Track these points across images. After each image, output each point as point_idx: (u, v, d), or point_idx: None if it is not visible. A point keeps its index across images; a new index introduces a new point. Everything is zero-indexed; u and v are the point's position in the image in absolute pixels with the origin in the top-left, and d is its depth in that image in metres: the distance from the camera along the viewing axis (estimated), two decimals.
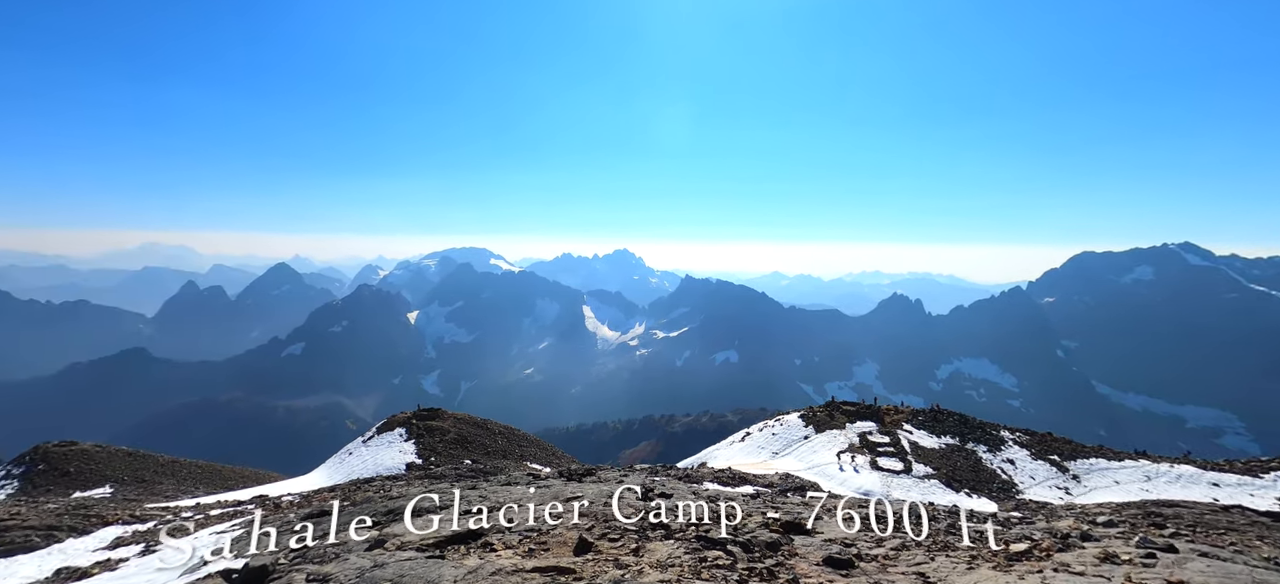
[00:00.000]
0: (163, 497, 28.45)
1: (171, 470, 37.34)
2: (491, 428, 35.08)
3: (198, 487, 33.74)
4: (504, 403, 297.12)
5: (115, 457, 36.49)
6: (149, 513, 20.09)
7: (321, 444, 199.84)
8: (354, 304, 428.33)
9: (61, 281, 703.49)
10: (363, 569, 5.49)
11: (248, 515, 17.04)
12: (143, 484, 33.41)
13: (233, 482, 36.03)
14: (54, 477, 32.96)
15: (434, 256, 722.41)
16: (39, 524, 17.10)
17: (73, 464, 34.19)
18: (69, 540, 15.91)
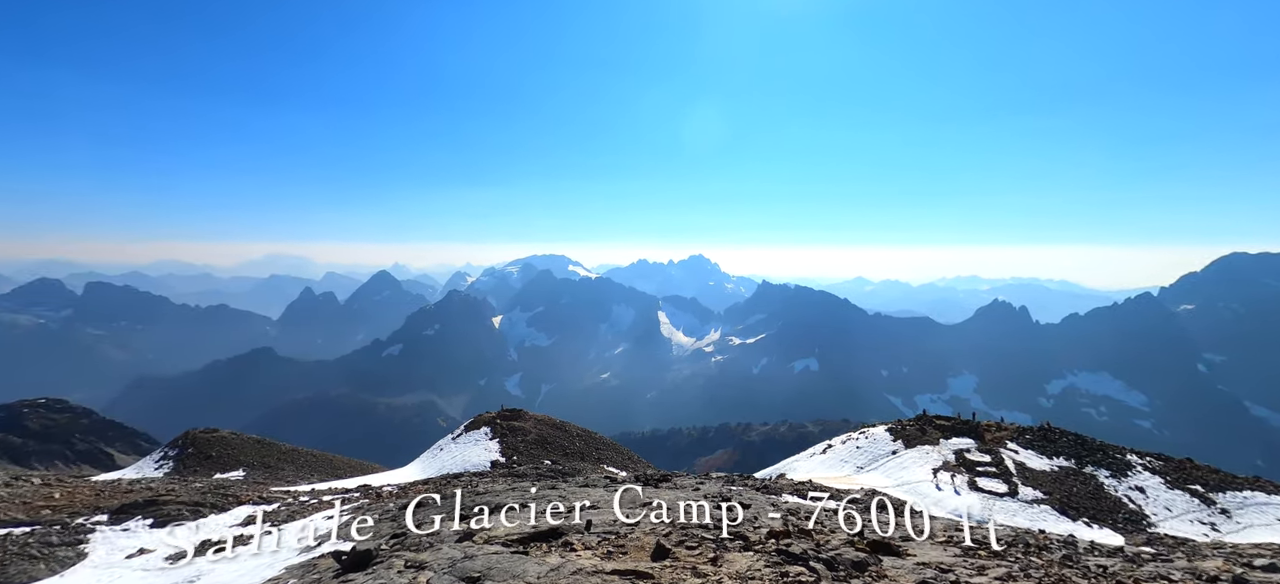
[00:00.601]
0: (284, 481, 31.80)
1: (292, 458, 41.64)
2: (570, 430, 36.06)
3: (313, 474, 37.36)
4: (581, 406, 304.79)
5: (247, 444, 41.20)
6: (274, 495, 22.49)
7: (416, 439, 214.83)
8: (445, 309, 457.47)
9: (206, 288, 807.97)
10: (454, 559, 5.83)
11: (354, 502, 18.64)
12: (268, 469, 37.52)
13: (342, 471, 39.51)
14: (199, 459, 37.81)
15: (516, 263, 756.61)
16: (188, 500, 19.65)
17: (214, 449, 39.02)
18: (211, 516, 18.13)
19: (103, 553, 15.15)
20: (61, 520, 17.51)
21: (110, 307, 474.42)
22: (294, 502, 20.27)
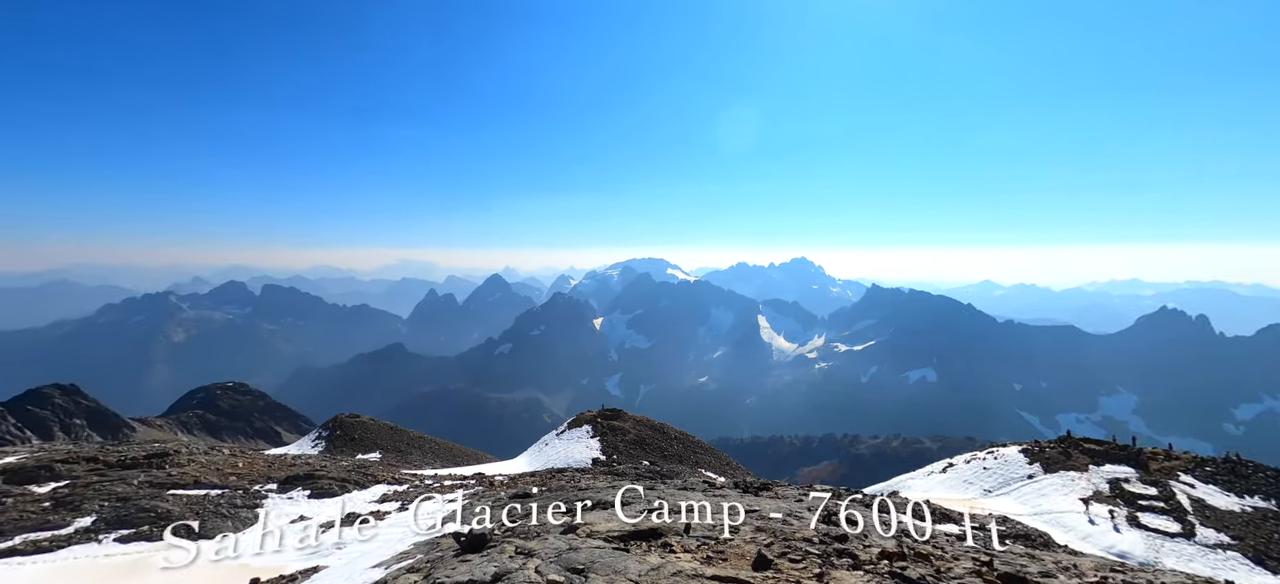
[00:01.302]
0: (412, 465, 35.19)
1: (419, 444, 46.02)
2: (668, 432, 36.25)
3: (436, 460, 41.00)
4: (679, 409, 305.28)
5: (382, 429, 46.15)
6: (404, 477, 25.00)
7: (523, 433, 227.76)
8: (550, 310, 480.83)
9: (351, 290, 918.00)
10: (559, 550, 6.10)
11: (471, 488, 20.18)
12: (399, 453, 41.77)
13: (461, 459, 42.93)
14: (345, 441, 43.02)
15: (617, 267, 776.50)
16: (337, 476, 22.42)
17: (356, 432, 44.19)
18: (355, 492, 20.54)
19: (273, 517, 17.73)
20: (243, 486, 20.78)
21: (280, 306, 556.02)
22: (420, 484, 22.35)
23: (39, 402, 74.52)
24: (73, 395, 78.80)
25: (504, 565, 5.56)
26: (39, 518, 16.27)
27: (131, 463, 22.28)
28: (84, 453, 24.55)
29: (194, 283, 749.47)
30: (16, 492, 18.29)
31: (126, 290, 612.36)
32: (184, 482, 20.40)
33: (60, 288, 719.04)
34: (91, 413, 78.37)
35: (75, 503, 17.39)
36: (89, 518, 16.44)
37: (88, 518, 16.45)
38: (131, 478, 20.15)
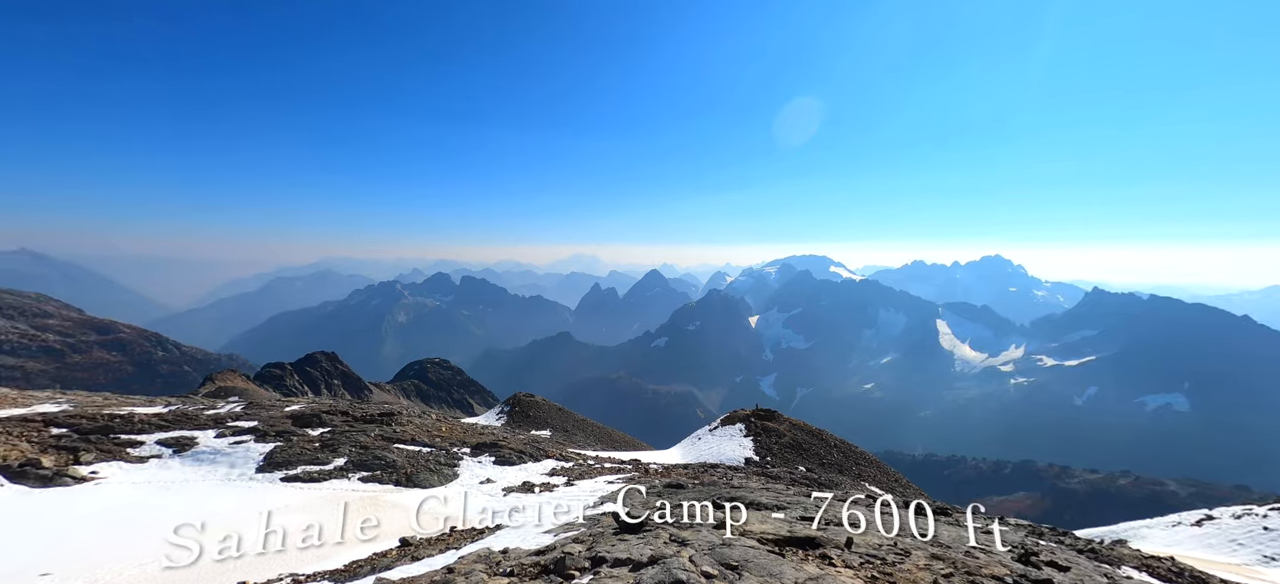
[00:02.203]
0: (577, 445, 38.28)
1: (582, 426, 49.86)
2: (827, 439, 34.22)
3: (597, 442, 44.03)
4: (839, 415, 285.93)
5: (552, 409, 50.88)
6: (570, 455, 27.31)
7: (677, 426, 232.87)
8: (705, 307, 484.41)
9: (528, 282, 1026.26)
10: (712, 544, 6.16)
11: (628, 473, 21.30)
12: (566, 433, 45.71)
13: (619, 444, 45.50)
14: (522, 416, 48.36)
15: (774, 264, 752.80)
16: (517, 448, 25.28)
17: (531, 410, 49.36)
18: (530, 463, 22.97)
19: (466, 476, 20.63)
20: (446, 448, 24.50)
21: (474, 295, 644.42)
22: (584, 464, 24.19)
23: (311, 364, 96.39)
24: (333, 361, 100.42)
25: (659, 550, 5.78)
26: (312, 454, 21.08)
27: (370, 419, 27.71)
28: (340, 407, 31.16)
29: (413, 274, 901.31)
30: (298, 432, 23.91)
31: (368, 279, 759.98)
32: (404, 438, 24.78)
33: (325, 277, 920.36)
34: (344, 376, 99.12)
35: (334, 445, 22.18)
36: (343, 459, 20.85)
37: (342, 459, 20.88)
38: (370, 431, 25.06)
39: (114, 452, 19.55)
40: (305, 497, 16.63)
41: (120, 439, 20.68)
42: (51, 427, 20.69)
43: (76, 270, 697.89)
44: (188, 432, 22.44)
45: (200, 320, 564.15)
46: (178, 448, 20.77)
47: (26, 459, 17.17)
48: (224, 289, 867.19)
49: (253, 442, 22.04)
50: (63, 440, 19.60)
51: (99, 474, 17.67)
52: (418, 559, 9.63)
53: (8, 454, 17.14)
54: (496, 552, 8.32)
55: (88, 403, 26.20)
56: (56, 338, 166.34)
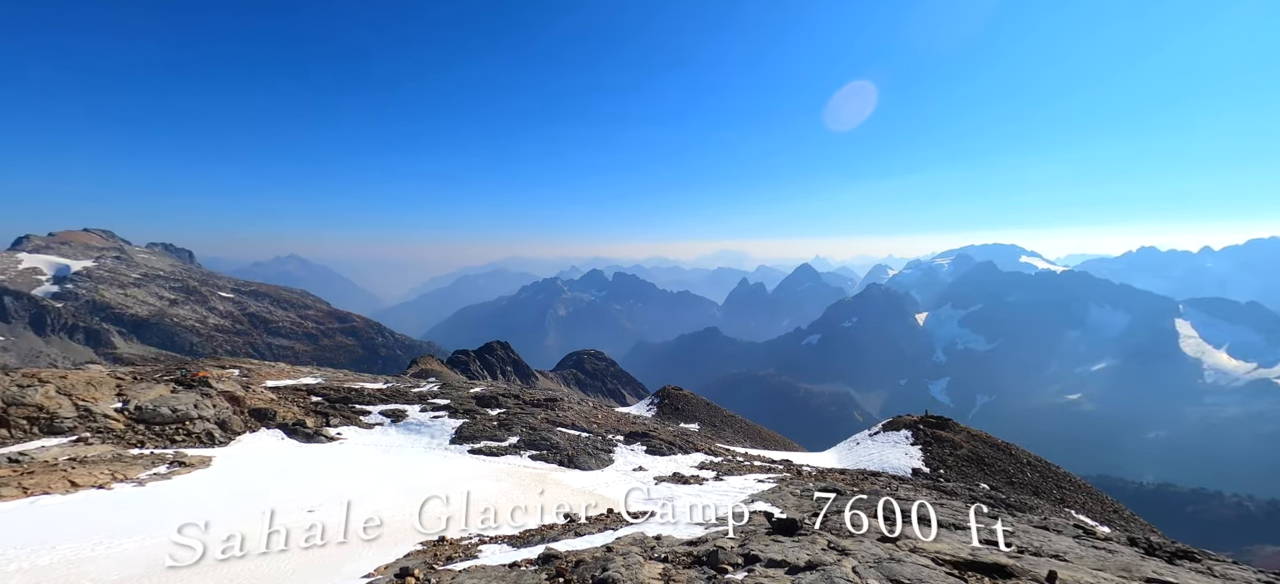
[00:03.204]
0: (725, 441, 38.13)
1: (730, 422, 49.52)
2: (1017, 455, 29.57)
3: (745, 440, 43.40)
4: (1032, 429, 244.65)
5: (700, 403, 51.31)
6: (718, 449, 27.34)
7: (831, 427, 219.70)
8: (863, 302, 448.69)
9: (676, 278, 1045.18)
10: (879, 557, 5.70)
11: (779, 473, 20.66)
12: (714, 427, 45.80)
13: (768, 442, 44.35)
14: (671, 409, 49.55)
15: (948, 255, 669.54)
16: (667, 439, 26.00)
17: (680, 403, 50.33)
18: (679, 455, 23.46)
19: (621, 463, 21.73)
20: (602, 434, 26.09)
21: (625, 290, 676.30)
22: (733, 460, 24.02)
23: (489, 352, 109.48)
24: (506, 349, 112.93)
25: (817, 556, 5.52)
26: (491, 432, 23.98)
27: (536, 403, 30.64)
28: (512, 391, 34.95)
29: (571, 271, 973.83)
30: (480, 412, 27.34)
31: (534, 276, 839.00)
32: (565, 423, 26.95)
33: (500, 275, 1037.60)
34: (515, 363, 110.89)
35: (509, 425, 24.96)
36: (516, 437, 23.36)
37: (515, 437, 23.40)
38: (537, 414, 27.73)
39: (351, 417, 24.28)
40: (488, 467, 18.98)
41: (355, 408, 25.60)
42: (312, 396, 26.35)
43: (325, 272, 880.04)
44: (400, 405, 26.98)
45: (407, 312, 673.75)
46: (394, 418, 25.09)
47: (297, 420, 22.12)
48: (425, 286, 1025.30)
49: (447, 417, 25.73)
50: (319, 406, 24.87)
51: (342, 435, 22.08)
52: (580, 535, 10.42)
53: (286, 415, 22.23)
54: (650, 537, 8.66)
55: (333, 378, 32.81)
56: (314, 325, 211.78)
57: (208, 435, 18.93)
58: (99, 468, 13.42)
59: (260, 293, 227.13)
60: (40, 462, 13.51)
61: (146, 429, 18.05)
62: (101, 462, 14.10)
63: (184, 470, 14.60)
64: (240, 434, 19.90)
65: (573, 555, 6.94)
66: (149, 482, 13.33)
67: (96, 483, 12.56)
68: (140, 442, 17.28)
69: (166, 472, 14.22)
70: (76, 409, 17.57)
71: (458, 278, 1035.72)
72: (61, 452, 14.92)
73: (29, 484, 11.69)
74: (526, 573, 6.24)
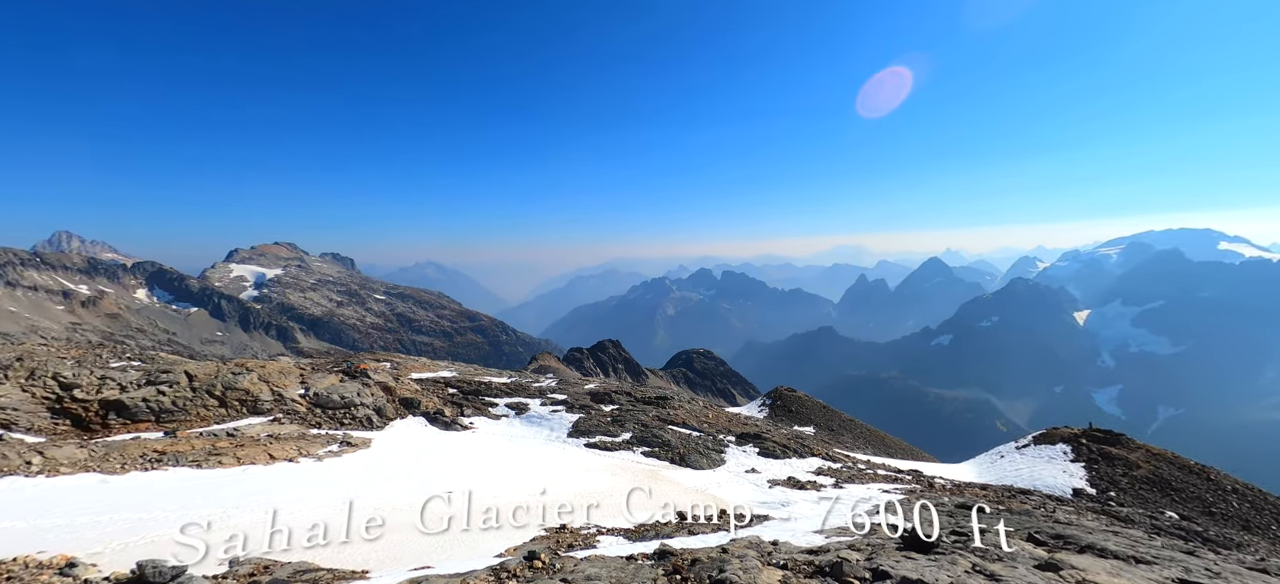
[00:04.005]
0: (844, 446, 36.00)
1: (849, 427, 46.66)
2: (1218, 480, 24.55)
3: (866, 445, 40.64)
4: (1237, 450, 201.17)
5: (816, 406, 48.97)
6: (836, 455, 25.89)
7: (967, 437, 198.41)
8: (1005, 299, 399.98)
9: (787, 276, 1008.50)
10: None
11: (907, 484, 19.07)
12: (831, 432, 43.43)
13: (893, 450, 41.16)
14: (783, 411, 47.85)
15: (1116, 243, 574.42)
16: (780, 442, 25.16)
17: (793, 405, 48.42)
18: (794, 459, 22.58)
19: (732, 463, 21.41)
20: (713, 433, 25.90)
21: (734, 289, 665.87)
22: (852, 466, 22.62)
23: (602, 350, 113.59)
24: (617, 348, 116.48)
25: (959, 578, 4.99)
26: (605, 427, 24.84)
27: (648, 400, 31.21)
28: (624, 388, 35.95)
29: (679, 270, 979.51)
30: (595, 407, 28.43)
31: (643, 276, 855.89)
32: (676, 421, 27.14)
33: (611, 275, 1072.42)
34: (626, 361, 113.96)
35: (621, 421, 25.68)
36: (628, 433, 23.98)
37: (628, 433, 24.03)
38: (649, 412, 28.24)
39: (481, 409, 26.49)
40: (603, 462, 19.69)
41: (484, 400, 27.90)
42: (448, 388, 29.15)
43: (458, 275, 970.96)
44: (523, 399, 28.92)
45: (527, 312, 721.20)
46: (518, 411, 26.95)
47: (437, 409, 24.60)
48: (542, 287, 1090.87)
49: (564, 411, 27.11)
50: (454, 398, 27.44)
51: (474, 425, 24.16)
52: (693, 533, 10.42)
53: (428, 404, 24.80)
54: (767, 542, 8.42)
55: (465, 372, 36.02)
56: (448, 323, 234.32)
57: (367, 420, 21.72)
58: (289, 444, 15.97)
59: (406, 295, 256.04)
60: (248, 436, 16.39)
61: (322, 412, 21.15)
62: (290, 439, 16.77)
63: (351, 450, 16.88)
64: (392, 420, 22.57)
65: (688, 553, 6.96)
66: (325, 458, 15.60)
67: (287, 456, 14.95)
68: (318, 423, 20.30)
69: (337, 450, 16.55)
70: (272, 394, 21.07)
71: (572, 279, 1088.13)
72: (263, 428, 17.98)
73: (241, 455, 14.23)
74: (643, 567, 6.36)
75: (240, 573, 6.97)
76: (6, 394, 15.66)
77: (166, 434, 16.16)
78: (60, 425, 15.62)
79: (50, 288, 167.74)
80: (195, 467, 12.95)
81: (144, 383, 18.26)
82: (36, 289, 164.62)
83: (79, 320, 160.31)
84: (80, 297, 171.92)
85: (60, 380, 17.07)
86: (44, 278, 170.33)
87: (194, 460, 13.30)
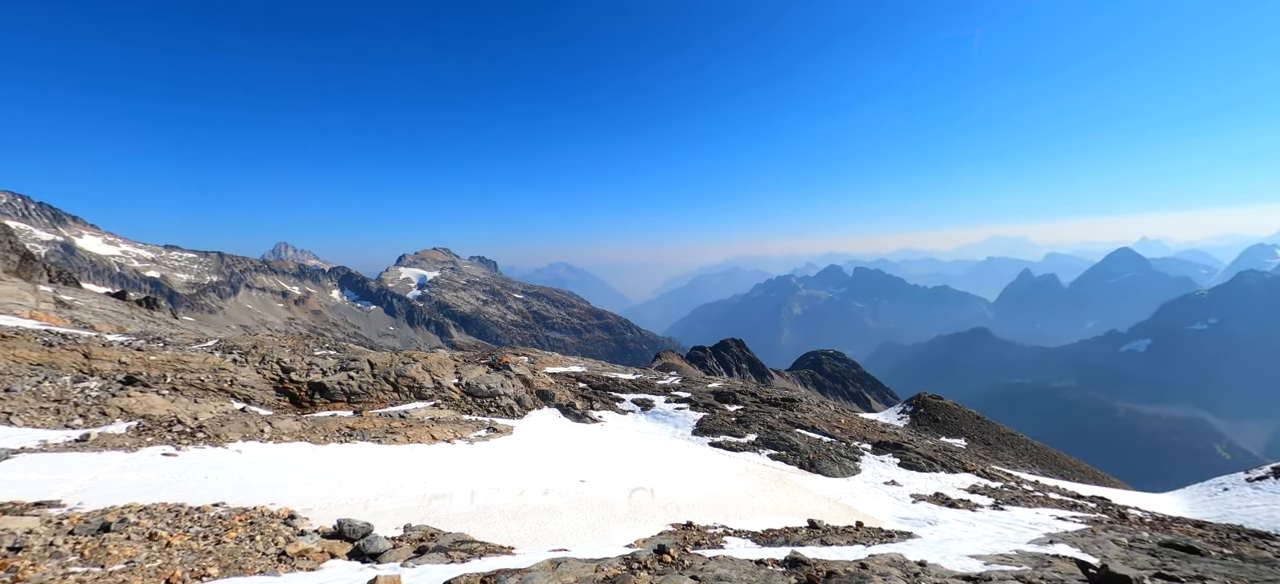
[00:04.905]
0: (1004, 463, 31.74)
1: (1010, 442, 41.03)
2: None
3: (1033, 464, 35.44)
4: None
5: (967, 416, 43.82)
6: (994, 472, 22.91)
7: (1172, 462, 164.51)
8: (1229, 296, 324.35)
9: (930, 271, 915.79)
10: None
11: (1091, 513, 16.29)
12: (987, 446, 38.52)
13: (1067, 471, 35.48)
14: (927, 419, 43.44)
15: None
16: (923, 453, 22.92)
17: (939, 414, 43.79)
18: (942, 473, 20.43)
19: (869, 473, 19.95)
20: (845, 440, 24.38)
21: (868, 286, 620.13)
22: (1017, 487, 19.88)
23: (724, 349, 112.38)
24: (740, 347, 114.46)
25: None
26: (729, 427, 24.54)
27: (773, 402, 30.24)
28: (748, 388, 35.23)
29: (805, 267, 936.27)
30: (719, 406, 28.21)
31: (767, 274, 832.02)
32: (804, 425, 25.95)
33: (733, 274, 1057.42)
34: (749, 360, 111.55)
35: (746, 422, 25.19)
36: (753, 435, 23.45)
37: (753, 434, 23.50)
38: (774, 414, 27.36)
39: (609, 403, 27.62)
40: (728, 462, 19.48)
41: (612, 395, 29.04)
42: (579, 382, 30.82)
43: (586, 275, 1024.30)
44: (648, 395, 29.61)
45: (651, 310, 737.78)
46: (643, 407, 27.66)
47: (570, 402, 26.13)
48: (665, 286, 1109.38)
49: (688, 409, 27.27)
50: (584, 392, 28.94)
51: (602, 419, 25.27)
52: (826, 544, 9.88)
53: (561, 397, 26.44)
54: (912, 562, 7.71)
55: (593, 367, 37.81)
56: (578, 321, 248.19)
57: (510, 409, 23.75)
58: (446, 427, 18.02)
59: (540, 294, 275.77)
60: (414, 418, 18.79)
61: (472, 400, 23.55)
62: (447, 423, 18.91)
63: (496, 436, 18.59)
64: (530, 410, 24.42)
65: (822, 565, 6.61)
66: (475, 442, 17.35)
67: (444, 438, 16.88)
68: (469, 409, 22.65)
69: (485, 435, 18.31)
70: (432, 382, 23.94)
71: (694, 277, 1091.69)
72: (425, 412, 20.50)
73: (409, 435, 16.37)
74: (774, 573, 6.17)
75: (412, 537, 8.00)
76: (247, 375, 19.63)
77: (355, 413, 19.11)
78: (282, 401, 19.21)
79: (273, 289, 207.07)
80: (375, 442, 15.14)
81: (339, 369, 21.78)
82: (264, 290, 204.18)
83: (293, 315, 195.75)
84: (294, 296, 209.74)
85: (281, 364, 21.00)
86: (269, 281, 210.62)
87: (375, 437, 15.56)
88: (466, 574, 5.50)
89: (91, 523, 6.69)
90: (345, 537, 7.57)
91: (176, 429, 13.00)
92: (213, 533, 6.85)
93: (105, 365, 16.88)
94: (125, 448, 11.33)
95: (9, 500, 7.46)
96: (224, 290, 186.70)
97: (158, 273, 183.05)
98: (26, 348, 16.94)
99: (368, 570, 6.17)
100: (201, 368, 18.60)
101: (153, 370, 17.34)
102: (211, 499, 8.45)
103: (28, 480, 8.63)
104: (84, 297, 39.00)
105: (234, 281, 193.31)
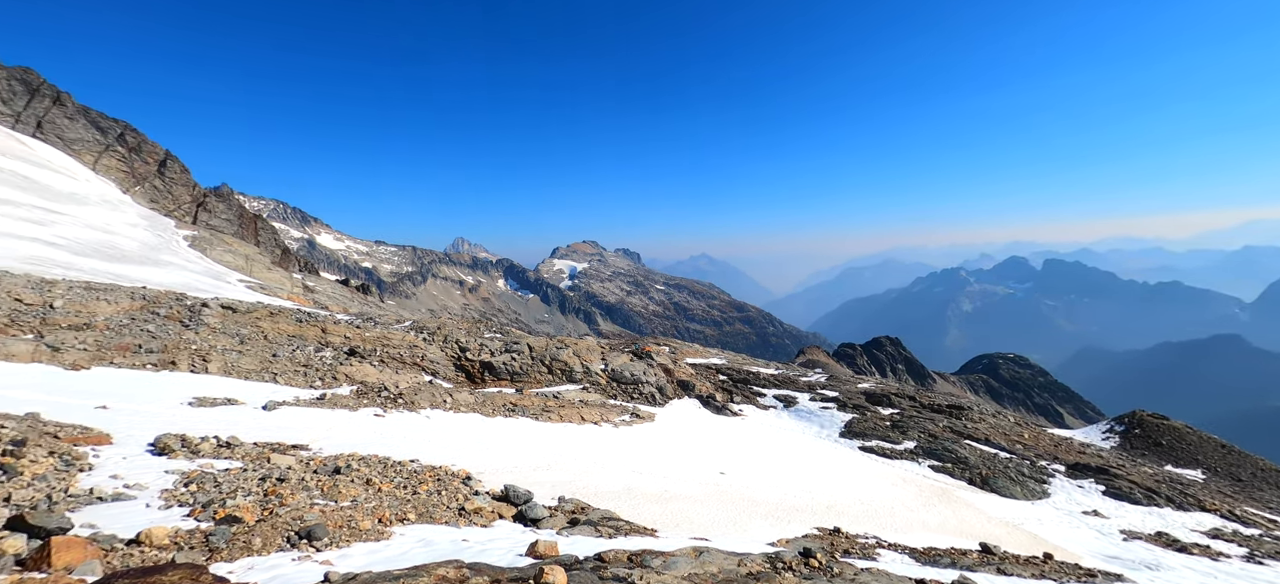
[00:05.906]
0: (1260, 505, 24.88)
1: (1271, 478, 32.02)
2: None
3: None
4: None
5: (1207, 442, 35.13)
6: (1246, 515, 18.07)
7: None
8: None
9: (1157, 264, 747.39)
10: None
11: None
12: (1234, 482, 30.48)
13: None
14: (1145, 442, 35.62)
15: None
16: (1139, 482, 18.94)
17: (1163, 437, 35.66)
18: (1166, 509, 16.69)
19: (1061, 499, 17.03)
20: (1029, 457, 21.09)
21: (1062, 281, 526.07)
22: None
23: (877, 347, 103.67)
24: (896, 346, 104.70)
25: None
26: (883, 431, 22.61)
27: (936, 408, 27.17)
28: (906, 391, 32.07)
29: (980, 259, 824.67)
30: (870, 409, 26.15)
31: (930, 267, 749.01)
32: (975, 436, 22.92)
33: (889, 266, 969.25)
34: (907, 361, 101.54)
35: (903, 427, 23.00)
36: (911, 442, 21.34)
37: (911, 442, 21.39)
38: (938, 421, 24.58)
39: (750, 398, 27.13)
40: (881, 469, 18.00)
41: (753, 389, 28.48)
42: (718, 374, 30.73)
43: (727, 267, 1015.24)
44: (791, 392, 28.50)
45: (794, 304, 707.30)
46: (785, 403, 26.71)
47: (710, 393, 26.20)
48: (810, 279, 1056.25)
49: (835, 409, 25.71)
50: (724, 384, 28.78)
51: (743, 412, 24.92)
52: (1004, 573, 8.66)
53: (701, 388, 26.61)
54: None
55: (734, 360, 37.38)
56: (718, 313, 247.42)
57: (651, 396, 24.53)
58: (593, 410, 19.20)
59: (681, 286, 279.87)
60: (567, 399, 20.32)
61: (617, 386, 24.77)
62: (594, 406, 20.13)
63: (639, 421, 19.34)
64: (671, 399, 24.95)
65: None
66: (619, 426, 18.23)
67: (592, 420, 18.00)
68: (613, 395, 23.86)
69: (629, 420, 19.15)
70: (581, 366, 25.65)
71: (843, 270, 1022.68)
72: (575, 394, 22.05)
73: (562, 414, 17.76)
74: None
75: (565, 509, 8.68)
76: (434, 353, 22.91)
77: (516, 391, 21.25)
78: (459, 376, 22.09)
79: (452, 279, 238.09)
80: (533, 419, 16.68)
81: (503, 351, 24.37)
82: (446, 280, 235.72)
83: (467, 302, 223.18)
84: (468, 285, 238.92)
85: (458, 344, 24.11)
86: (449, 271, 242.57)
87: (532, 414, 17.15)
88: (614, 549, 5.81)
89: (328, 466, 8.35)
90: (510, 501, 8.48)
91: (383, 395, 15.63)
92: (410, 484, 8.13)
93: (335, 339, 20.87)
94: (349, 408, 13.93)
95: (278, 442, 9.65)
96: (416, 279, 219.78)
97: (370, 264, 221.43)
98: (286, 323, 21.60)
99: (530, 533, 6.85)
100: (401, 344, 22.07)
101: (367, 344, 21.03)
102: (408, 455, 10.02)
103: (288, 427, 11.06)
104: (321, 283, 48.66)
105: (423, 271, 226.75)
